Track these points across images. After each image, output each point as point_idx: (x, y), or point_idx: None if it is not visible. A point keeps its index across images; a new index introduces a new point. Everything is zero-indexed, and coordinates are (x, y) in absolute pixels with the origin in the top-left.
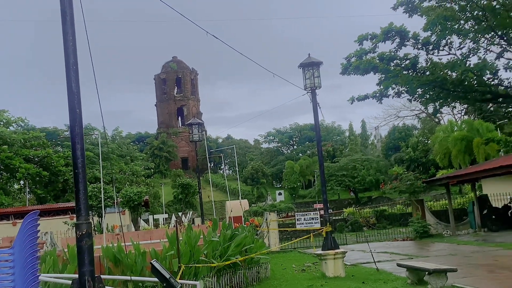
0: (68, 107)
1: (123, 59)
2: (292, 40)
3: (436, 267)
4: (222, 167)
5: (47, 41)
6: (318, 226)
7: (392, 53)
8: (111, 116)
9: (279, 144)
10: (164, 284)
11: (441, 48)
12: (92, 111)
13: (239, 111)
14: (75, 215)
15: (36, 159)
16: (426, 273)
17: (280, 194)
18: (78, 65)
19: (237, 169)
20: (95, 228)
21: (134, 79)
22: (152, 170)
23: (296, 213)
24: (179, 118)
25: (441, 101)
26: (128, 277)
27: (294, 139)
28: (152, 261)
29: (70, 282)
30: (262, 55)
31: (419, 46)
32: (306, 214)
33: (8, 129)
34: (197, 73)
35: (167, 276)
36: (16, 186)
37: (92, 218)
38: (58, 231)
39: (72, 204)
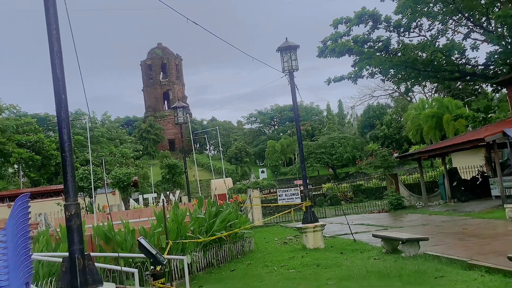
0: (54, 93)
1: (110, 47)
2: (271, 25)
3: (409, 236)
4: (207, 147)
5: (37, 29)
6: (298, 201)
7: (366, 36)
8: (100, 101)
9: (261, 125)
10: (151, 260)
11: (411, 30)
12: (82, 98)
13: (222, 94)
14: None
15: (28, 144)
16: (400, 242)
17: (263, 172)
18: (68, 54)
19: (221, 149)
20: (87, 208)
21: (122, 66)
22: (140, 152)
23: (278, 190)
24: (165, 102)
25: (412, 80)
26: (116, 254)
27: (275, 119)
28: (139, 238)
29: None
30: (242, 39)
31: (391, 29)
32: (287, 190)
33: (1, 116)
34: (181, 59)
35: (154, 252)
36: (10, 170)
37: (84, 199)
38: (51, 212)
39: None
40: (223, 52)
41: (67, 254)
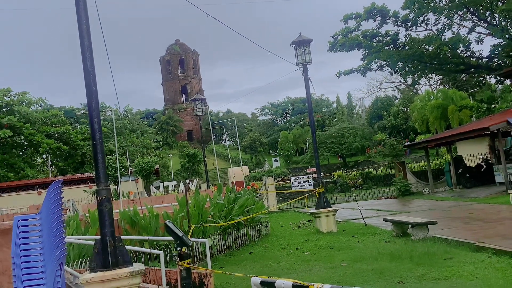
0: (85, 84)
1: (130, 43)
2: (283, 21)
3: (418, 220)
4: (223, 138)
5: (63, 27)
6: (311, 188)
7: (375, 31)
8: (122, 95)
9: (274, 116)
10: (178, 241)
11: (418, 25)
12: (105, 91)
13: (236, 88)
14: (93, 184)
15: (56, 135)
16: (410, 226)
17: (276, 161)
18: (95, 51)
19: (237, 140)
20: (112, 195)
21: (142, 61)
22: (160, 143)
23: (291, 177)
24: (183, 95)
25: (419, 73)
26: (145, 237)
27: (287, 111)
28: (166, 221)
29: (92, 242)
30: (256, 34)
31: (399, 23)
32: (300, 178)
33: (30, 109)
34: (198, 54)
35: (180, 234)
36: (39, 160)
37: (109, 187)
38: (79, 199)
39: (90, 174)
40: (238, 47)
41: (96, 237)
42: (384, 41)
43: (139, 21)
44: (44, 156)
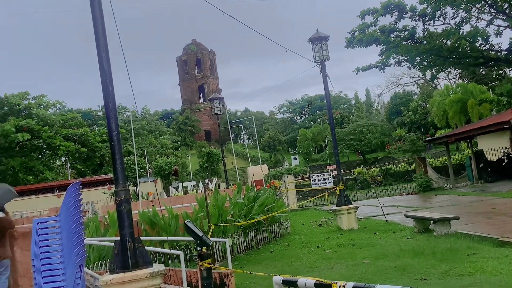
0: (101, 85)
1: (148, 45)
2: (300, 18)
3: (440, 216)
4: (241, 137)
5: (80, 29)
6: (331, 185)
7: (392, 26)
8: (139, 96)
9: (292, 114)
10: (198, 241)
11: (436, 19)
12: (122, 93)
13: (254, 86)
14: (112, 186)
15: (74, 137)
16: (432, 222)
17: (295, 159)
18: (112, 52)
19: (256, 138)
20: (132, 196)
21: (159, 62)
22: (179, 143)
23: (311, 175)
24: (201, 95)
25: (437, 67)
26: (164, 238)
27: (306, 109)
28: (185, 221)
29: (112, 244)
30: (272, 32)
31: (416, 18)
32: (320, 175)
33: (48, 112)
34: (215, 53)
35: (200, 234)
36: (58, 162)
37: (128, 187)
38: (98, 201)
39: (108, 176)
40: (254, 46)
41: (115, 238)
42: (402, 36)
43: (155, 22)
44: (63, 158)
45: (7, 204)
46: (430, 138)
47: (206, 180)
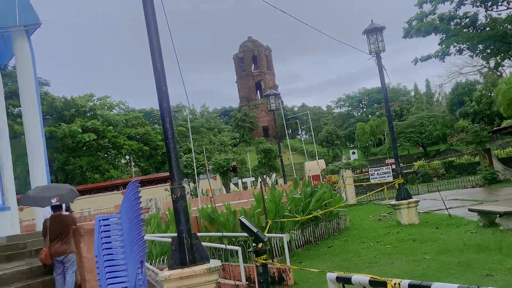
0: (156, 85)
1: (204, 44)
2: (354, 10)
3: (506, 209)
4: (299, 132)
5: (138, 31)
6: (390, 179)
7: (452, 13)
8: (199, 94)
9: (350, 108)
10: (253, 238)
11: (499, 4)
12: (180, 92)
13: (310, 81)
14: None
15: (137, 136)
16: (498, 215)
17: (353, 153)
18: (164, 53)
19: (313, 133)
20: (192, 193)
21: (216, 61)
22: (237, 140)
23: (369, 169)
24: (258, 92)
25: (502, 54)
26: (219, 234)
27: (363, 102)
28: (240, 218)
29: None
30: (326, 26)
31: (478, 4)
32: (379, 169)
33: (112, 112)
34: (271, 50)
35: (255, 230)
36: (123, 161)
37: (188, 184)
38: (160, 198)
39: None
40: (309, 41)
41: (174, 234)
42: (463, 24)
43: (211, 21)
44: (127, 157)
45: (74, 202)
46: (496, 128)
47: (264, 176)
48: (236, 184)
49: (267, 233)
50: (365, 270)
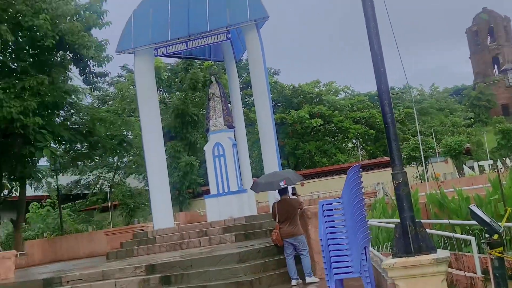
0: (373, 67)
1: (432, 19)
2: None
3: None
4: None
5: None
6: None
7: None
8: (427, 73)
9: None
10: (485, 228)
11: None
12: (408, 73)
13: None
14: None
15: (363, 120)
16: None
17: None
18: (384, 35)
19: None
20: (420, 177)
21: (446, 36)
22: (472, 120)
23: None
24: (495, 67)
25: None
26: (446, 221)
27: None
28: (470, 206)
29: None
30: None
31: None
32: None
33: (337, 97)
34: (510, 19)
35: (488, 220)
36: (349, 145)
37: (417, 168)
38: (388, 181)
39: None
40: None
41: (397, 220)
42: None
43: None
44: (354, 140)
45: (304, 185)
46: None
47: (504, 158)
48: (471, 168)
49: (505, 222)
50: None
